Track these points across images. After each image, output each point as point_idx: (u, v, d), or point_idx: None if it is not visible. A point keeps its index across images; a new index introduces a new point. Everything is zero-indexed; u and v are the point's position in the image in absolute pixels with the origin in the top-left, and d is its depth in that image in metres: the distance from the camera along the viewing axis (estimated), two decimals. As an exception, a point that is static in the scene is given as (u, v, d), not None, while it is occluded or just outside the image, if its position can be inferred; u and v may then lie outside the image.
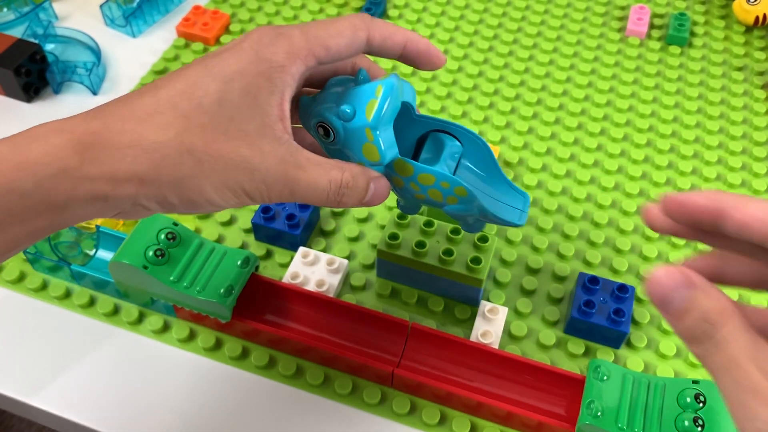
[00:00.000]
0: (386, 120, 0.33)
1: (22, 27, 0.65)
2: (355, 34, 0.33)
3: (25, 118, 0.59)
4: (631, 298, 0.45)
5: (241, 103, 0.29)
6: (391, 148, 0.33)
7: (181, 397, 0.43)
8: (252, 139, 0.30)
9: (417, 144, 0.38)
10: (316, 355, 0.43)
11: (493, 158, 0.37)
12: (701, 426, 0.36)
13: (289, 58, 0.31)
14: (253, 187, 0.30)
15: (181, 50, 0.64)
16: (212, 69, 0.30)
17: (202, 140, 0.29)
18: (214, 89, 0.29)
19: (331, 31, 0.32)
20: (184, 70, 0.30)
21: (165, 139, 0.28)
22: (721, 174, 0.56)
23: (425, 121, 0.37)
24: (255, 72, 0.30)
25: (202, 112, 0.29)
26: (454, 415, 0.42)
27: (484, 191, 0.38)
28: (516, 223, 0.37)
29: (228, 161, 0.29)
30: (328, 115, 0.33)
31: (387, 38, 0.34)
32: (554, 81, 0.63)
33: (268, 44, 0.30)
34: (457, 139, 0.37)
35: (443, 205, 0.36)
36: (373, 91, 0.33)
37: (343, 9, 0.69)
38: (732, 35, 0.68)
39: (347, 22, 0.33)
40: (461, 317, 0.47)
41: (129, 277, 0.43)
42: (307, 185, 0.31)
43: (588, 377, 0.39)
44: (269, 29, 0.31)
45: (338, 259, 0.48)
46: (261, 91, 0.30)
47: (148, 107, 0.29)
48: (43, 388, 0.43)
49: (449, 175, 0.35)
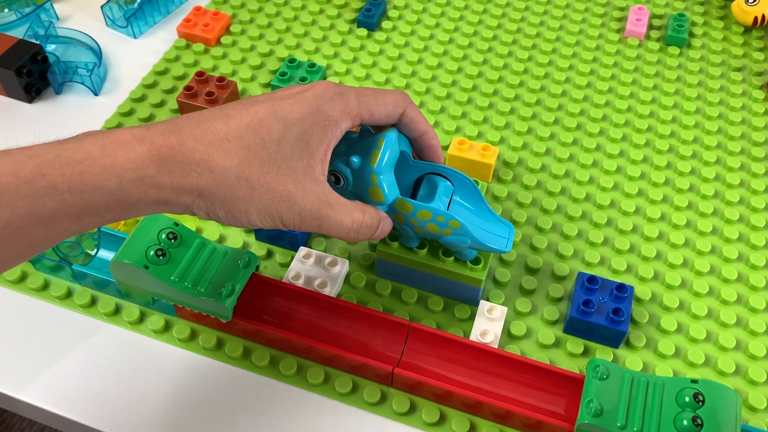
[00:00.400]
0: (388, 166, 0.39)
1: (23, 28, 0.65)
2: (395, 110, 0.39)
3: (26, 118, 0.59)
4: (630, 297, 0.45)
5: (296, 145, 0.34)
6: (393, 190, 0.40)
7: (182, 397, 0.43)
8: (297, 177, 0.35)
9: (414, 185, 0.44)
10: (316, 355, 0.44)
11: (480, 195, 0.43)
12: (700, 425, 0.36)
13: (342, 115, 0.36)
14: (290, 217, 0.35)
15: (182, 51, 0.65)
16: (279, 112, 0.34)
17: (258, 171, 0.33)
18: (277, 130, 0.34)
19: (379, 101, 0.38)
20: (253, 106, 0.34)
21: (229, 164, 0.33)
22: (719, 174, 0.57)
23: (420, 166, 0.43)
24: (312, 122, 0.35)
25: (262, 147, 0.33)
26: (454, 414, 0.42)
27: (474, 223, 0.43)
28: (503, 250, 0.43)
29: (275, 193, 0.34)
30: (339, 165, 0.40)
31: (413, 121, 0.41)
32: (553, 82, 0.64)
33: (328, 100, 0.36)
34: (449, 180, 0.43)
35: (440, 236, 0.42)
36: (376, 142, 0.39)
37: (343, 9, 0.69)
38: (731, 36, 0.69)
39: (392, 98, 0.39)
40: (461, 317, 0.47)
41: (130, 277, 0.43)
42: (334, 222, 0.36)
43: (587, 376, 0.39)
44: (331, 86, 0.37)
45: (338, 259, 0.48)
46: (313, 138, 0.35)
47: (219, 133, 0.33)
48: (44, 387, 0.43)
49: (444, 211, 0.41)
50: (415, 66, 0.65)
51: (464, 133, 0.59)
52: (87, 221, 0.31)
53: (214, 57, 0.64)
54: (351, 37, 0.67)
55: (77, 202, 0.30)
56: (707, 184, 0.56)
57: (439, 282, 0.46)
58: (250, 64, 0.64)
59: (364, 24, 0.67)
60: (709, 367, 0.45)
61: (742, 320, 0.48)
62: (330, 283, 0.47)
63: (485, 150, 0.54)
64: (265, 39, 0.66)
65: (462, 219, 0.41)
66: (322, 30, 0.67)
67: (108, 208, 0.31)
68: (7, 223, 0.29)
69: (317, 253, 0.48)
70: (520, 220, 0.52)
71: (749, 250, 0.52)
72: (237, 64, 0.64)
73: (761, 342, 0.46)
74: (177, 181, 0.32)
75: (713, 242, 0.52)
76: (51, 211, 0.29)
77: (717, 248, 0.52)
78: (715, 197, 0.55)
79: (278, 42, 0.66)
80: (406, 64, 0.65)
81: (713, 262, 0.51)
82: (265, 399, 0.43)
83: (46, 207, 0.29)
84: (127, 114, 0.59)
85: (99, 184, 0.30)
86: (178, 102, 0.57)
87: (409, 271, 0.47)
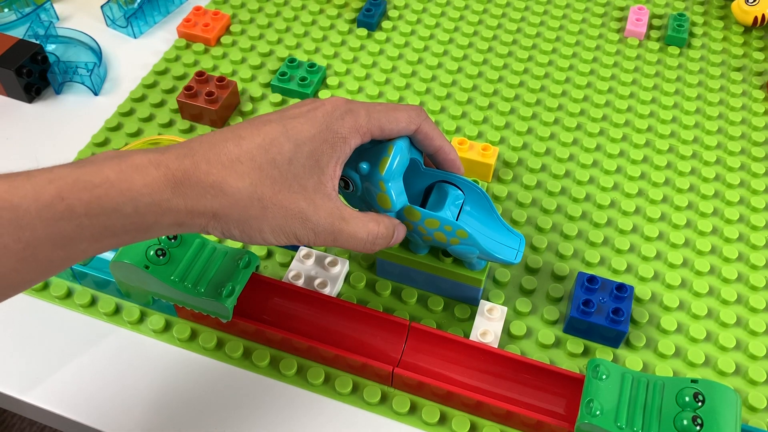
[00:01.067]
0: (396, 174, 0.39)
1: (23, 28, 0.65)
2: (408, 127, 0.39)
3: (26, 118, 0.59)
4: (630, 297, 0.45)
5: (306, 164, 0.35)
6: (400, 197, 0.40)
7: (183, 397, 0.43)
8: (309, 194, 0.35)
9: (425, 193, 0.44)
10: (316, 355, 0.44)
11: (491, 204, 0.43)
12: (700, 425, 0.36)
13: (352, 133, 0.37)
14: (304, 233, 0.36)
15: (181, 51, 0.65)
16: (289, 132, 0.35)
17: (270, 191, 0.34)
18: (287, 149, 0.35)
19: (390, 117, 0.38)
20: (265, 126, 0.35)
21: (242, 186, 0.33)
22: (719, 174, 0.57)
23: (431, 174, 0.43)
24: (322, 139, 0.36)
25: (274, 167, 0.34)
26: (454, 414, 0.42)
27: (483, 233, 0.43)
28: (512, 261, 0.42)
29: (288, 210, 0.35)
30: (348, 171, 0.40)
31: (427, 137, 0.41)
32: (553, 82, 0.64)
33: (338, 118, 0.36)
34: (459, 189, 0.43)
35: (448, 245, 0.42)
36: (386, 150, 0.39)
37: (343, 9, 0.69)
38: (731, 36, 0.69)
39: (405, 114, 0.39)
40: (461, 317, 0.47)
41: (130, 277, 0.43)
42: (348, 236, 0.37)
43: (587, 376, 0.39)
44: (342, 103, 0.37)
45: (339, 258, 0.48)
46: (323, 155, 0.36)
47: (231, 155, 0.34)
48: (44, 388, 0.43)
49: (452, 220, 0.40)
50: (415, 66, 0.65)
51: (464, 133, 0.59)
52: (105, 243, 0.32)
53: (214, 57, 0.64)
54: (351, 37, 0.67)
55: (94, 224, 0.31)
56: (707, 184, 0.56)
57: (439, 282, 0.46)
58: (250, 64, 0.64)
59: (364, 24, 0.67)
60: (709, 367, 0.45)
61: (742, 320, 0.48)
62: (330, 283, 0.47)
63: (485, 150, 0.54)
64: (265, 39, 0.66)
65: (470, 229, 0.41)
66: (322, 30, 0.67)
67: (125, 230, 0.32)
68: (27, 245, 0.30)
69: (317, 253, 0.48)
70: (520, 220, 0.52)
71: (749, 250, 0.52)
72: (237, 64, 0.64)
73: (761, 342, 0.46)
74: (192, 204, 0.33)
75: (713, 242, 0.52)
76: (69, 233, 0.30)
77: (717, 248, 0.52)
78: (715, 197, 0.55)
79: (278, 42, 0.66)
80: (406, 64, 0.65)
81: (713, 262, 0.51)
82: (265, 399, 0.43)
83: (64, 230, 0.30)
84: (127, 114, 0.59)
85: (116, 208, 0.31)
86: (178, 102, 0.57)
87: (409, 271, 0.47)
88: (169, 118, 0.59)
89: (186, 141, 0.35)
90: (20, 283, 0.31)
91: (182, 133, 0.58)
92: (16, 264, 0.30)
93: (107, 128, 0.58)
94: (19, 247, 0.30)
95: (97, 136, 0.57)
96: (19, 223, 0.29)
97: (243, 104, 0.60)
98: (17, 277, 0.31)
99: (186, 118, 0.59)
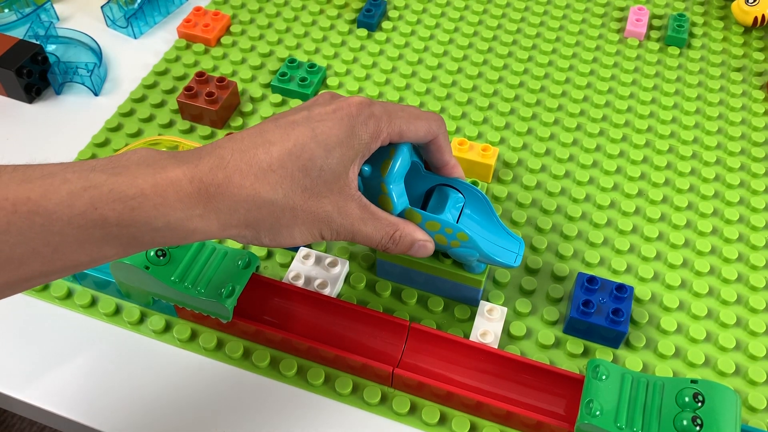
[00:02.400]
0: (398, 176, 0.40)
1: (23, 28, 0.65)
2: (426, 137, 0.40)
3: (26, 118, 0.59)
4: (629, 298, 0.45)
5: (335, 169, 0.36)
6: (402, 199, 0.40)
7: (183, 397, 0.43)
8: (334, 197, 0.37)
9: (426, 196, 0.44)
10: (316, 355, 0.44)
11: (491, 208, 0.43)
12: (700, 425, 0.36)
13: (372, 137, 0.37)
14: (328, 233, 0.38)
15: (182, 51, 0.65)
16: (319, 136, 0.35)
17: (301, 199, 0.35)
18: (318, 155, 0.35)
19: (411, 126, 0.39)
20: (294, 130, 0.35)
21: (275, 197, 0.34)
22: (719, 174, 0.57)
23: (432, 177, 0.43)
24: (349, 145, 0.36)
25: (305, 175, 0.35)
26: (454, 414, 0.42)
27: (483, 236, 0.43)
28: (512, 265, 0.43)
29: (316, 215, 0.36)
30: None
31: (440, 150, 0.42)
32: (553, 82, 0.64)
33: (362, 123, 0.37)
34: (460, 192, 0.43)
35: (448, 248, 0.42)
36: (388, 152, 0.40)
37: (343, 10, 0.70)
38: (731, 36, 0.69)
39: (426, 125, 0.40)
40: (461, 317, 0.47)
41: (130, 278, 0.43)
42: (365, 236, 0.39)
43: (587, 377, 0.39)
44: (365, 106, 0.38)
45: (339, 259, 0.48)
46: (348, 160, 0.37)
47: (263, 164, 0.34)
48: (44, 388, 0.43)
49: (452, 223, 0.41)
50: (415, 66, 0.65)
51: (464, 133, 0.59)
52: (129, 251, 0.33)
53: (214, 57, 0.65)
54: (351, 37, 0.67)
55: (123, 234, 0.31)
56: (707, 184, 0.56)
57: (439, 282, 0.46)
58: (250, 65, 0.64)
59: (364, 24, 0.67)
60: (709, 367, 0.45)
61: (742, 320, 0.48)
62: (330, 284, 0.47)
63: (485, 150, 0.54)
64: (265, 39, 0.66)
65: (470, 232, 0.41)
66: (322, 30, 0.67)
67: (152, 242, 0.33)
68: (56, 249, 0.30)
69: (317, 253, 0.48)
70: (520, 221, 0.52)
71: (749, 251, 0.52)
72: (237, 65, 0.64)
73: (761, 342, 0.46)
74: (224, 219, 0.33)
75: (713, 242, 0.52)
76: (98, 240, 0.31)
77: (717, 248, 0.52)
78: (715, 197, 0.55)
79: (278, 42, 0.66)
80: (406, 65, 0.65)
81: (713, 262, 0.51)
82: (266, 400, 0.43)
83: (93, 236, 0.31)
84: (127, 114, 0.59)
85: (147, 221, 0.31)
86: (179, 102, 0.57)
87: (409, 271, 0.47)
88: (170, 119, 0.59)
89: (216, 147, 0.34)
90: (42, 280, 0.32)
91: (182, 134, 0.58)
92: (41, 267, 0.31)
93: (107, 129, 0.58)
94: (48, 251, 0.30)
95: (98, 137, 0.57)
96: (51, 229, 0.30)
97: (243, 105, 0.60)
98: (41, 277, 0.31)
99: (186, 118, 0.59)
